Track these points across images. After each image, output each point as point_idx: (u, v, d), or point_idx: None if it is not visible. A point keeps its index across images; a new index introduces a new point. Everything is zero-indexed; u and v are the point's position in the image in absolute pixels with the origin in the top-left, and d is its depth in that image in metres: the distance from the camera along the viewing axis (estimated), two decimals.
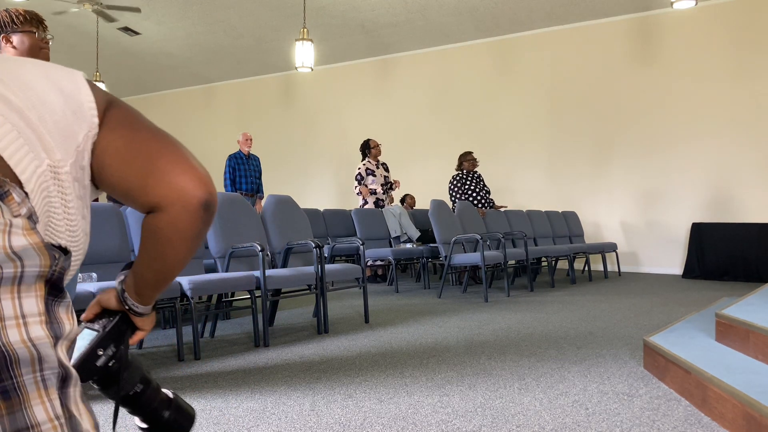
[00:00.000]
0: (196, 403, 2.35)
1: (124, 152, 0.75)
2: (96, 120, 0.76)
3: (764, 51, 7.78)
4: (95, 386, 0.82)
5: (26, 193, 0.62)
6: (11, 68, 0.73)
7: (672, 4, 5.89)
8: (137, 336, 0.87)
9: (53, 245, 0.60)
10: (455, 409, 2.24)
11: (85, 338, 0.83)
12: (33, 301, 0.57)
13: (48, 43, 2.33)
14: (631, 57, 8.63)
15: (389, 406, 2.28)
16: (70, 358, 0.64)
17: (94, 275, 3.07)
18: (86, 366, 0.80)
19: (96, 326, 0.84)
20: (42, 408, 0.54)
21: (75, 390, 0.60)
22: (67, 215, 0.71)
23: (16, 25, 2.26)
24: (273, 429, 2.05)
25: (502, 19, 8.91)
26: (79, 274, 3.02)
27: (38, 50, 2.29)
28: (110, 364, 0.81)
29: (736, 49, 7.94)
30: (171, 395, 0.87)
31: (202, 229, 0.77)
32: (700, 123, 8.13)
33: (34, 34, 2.27)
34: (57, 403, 0.56)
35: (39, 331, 0.56)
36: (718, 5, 8.06)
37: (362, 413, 2.20)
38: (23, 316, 0.56)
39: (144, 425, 0.84)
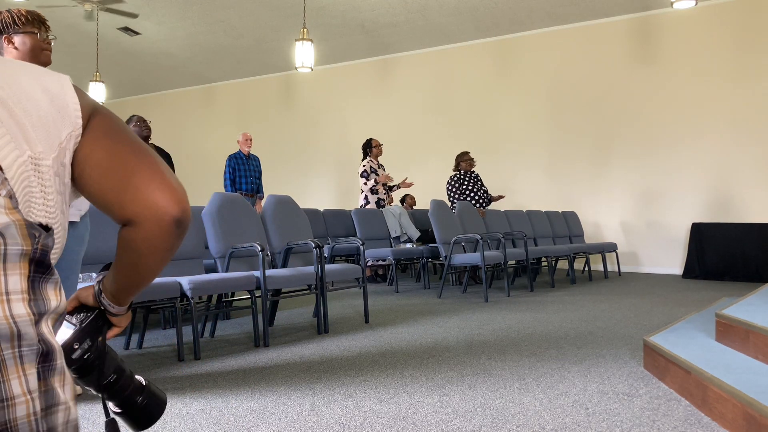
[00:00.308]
0: (196, 403, 2.35)
1: (105, 165, 0.78)
2: (80, 121, 0.79)
3: (764, 51, 7.78)
4: (73, 375, 0.87)
5: (5, 178, 0.64)
6: (5, 67, 0.76)
7: (672, 4, 5.90)
8: (112, 331, 0.92)
9: (33, 224, 0.62)
10: (455, 409, 2.24)
11: (63, 331, 0.88)
12: (17, 279, 0.59)
13: (50, 44, 2.33)
14: (631, 57, 8.63)
15: (389, 406, 2.28)
16: (56, 332, 0.66)
17: (94, 275, 3.07)
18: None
19: (73, 320, 0.89)
20: (18, 382, 0.57)
21: (58, 363, 0.62)
22: (47, 207, 0.73)
23: (17, 25, 2.26)
24: (273, 429, 2.05)
25: (502, 19, 8.91)
26: (80, 275, 3.02)
27: (40, 51, 2.30)
28: (85, 357, 0.86)
29: (736, 49, 7.94)
30: (144, 382, 0.93)
31: (174, 244, 0.80)
32: (701, 123, 8.13)
33: (35, 35, 2.27)
34: (33, 378, 0.58)
35: (21, 308, 0.58)
36: (718, 5, 8.06)
37: (362, 413, 2.20)
38: (7, 293, 0.58)
39: (118, 410, 0.90)
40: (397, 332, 3.83)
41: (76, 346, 0.86)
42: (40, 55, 2.30)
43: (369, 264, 6.68)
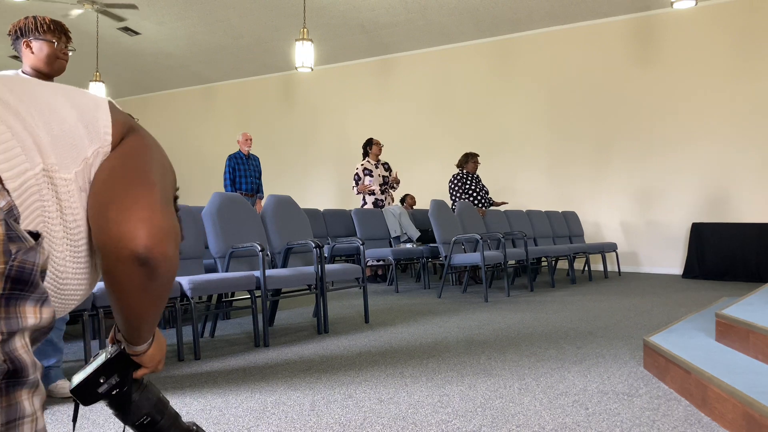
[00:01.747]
0: (196, 402, 2.35)
1: (98, 184, 0.74)
2: (109, 138, 0.77)
3: (764, 51, 7.78)
4: (109, 408, 0.85)
5: (6, 189, 0.63)
6: (28, 84, 0.75)
7: (672, 4, 5.89)
8: (140, 371, 0.88)
9: (18, 236, 0.59)
10: (455, 409, 2.24)
11: (96, 361, 0.85)
12: None
13: (67, 54, 2.39)
14: (631, 57, 8.63)
15: (389, 406, 2.28)
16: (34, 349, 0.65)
17: None
18: (87, 390, 0.82)
19: (110, 348, 0.86)
20: None
21: (30, 378, 0.61)
22: (64, 221, 0.71)
23: (38, 32, 2.32)
24: (273, 429, 2.05)
25: (502, 19, 8.91)
26: None
27: (54, 59, 2.35)
28: (113, 393, 0.82)
29: (736, 49, 7.94)
30: (192, 427, 0.89)
31: (144, 285, 0.73)
32: (700, 123, 8.13)
33: (53, 44, 2.33)
34: None
35: None
36: (718, 5, 8.06)
37: (362, 413, 2.20)
38: None
39: None
40: (397, 332, 3.83)
41: (102, 380, 0.83)
42: (54, 63, 2.35)
43: (369, 264, 6.68)
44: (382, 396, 2.42)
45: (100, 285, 2.79)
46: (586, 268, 8.03)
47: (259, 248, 3.49)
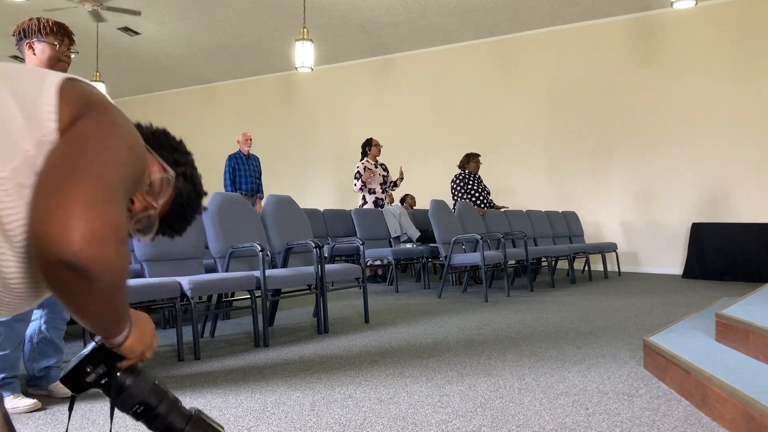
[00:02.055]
0: (196, 403, 2.35)
1: (40, 173, 0.68)
2: (52, 124, 0.71)
3: (764, 51, 7.78)
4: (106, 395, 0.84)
5: None
6: None
7: (672, 4, 5.89)
8: (123, 362, 0.86)
9: None
10: (455, 409, 2.24)
11: (84, 350, 0.85)
12: None
13: (69, 57, 2.40)
14: (631, 57, 8.63)
15: (389, 406, 2.28)
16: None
17: None
18: (75, 379, 0.81)
19: (97, 339, 0.85)
20: None
21: None
22: (0, 222, 0.67)
23: (41, 34, 2.34)
24: (273, 429, 2.05)
25: (502, 19, 8.91)
26: None
27: (56, 61, 2.37)
28: (102, 382, 0.81)
29: (736, 49, 7.94)
30: (193, 412, 0.87)
31: (82, 289, 0.66)
32: (700, 123, 8.13)
33: (55, 46, 2.35)
34: None
35: None
36: (718, 5, 8.06)
37: (362, 413, 2.20)
38: None
39: None
40: (397, 332, 3.83)
41: (89, 369, 0.81)
42: (55, 65, 2.37)
43: (369, 264, 6.68)
44: (382, 396, 2.42)
45: None
46: (586, 268, 8.03)
47: (259, 248, 3.49)
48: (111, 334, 0.80)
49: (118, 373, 0.84)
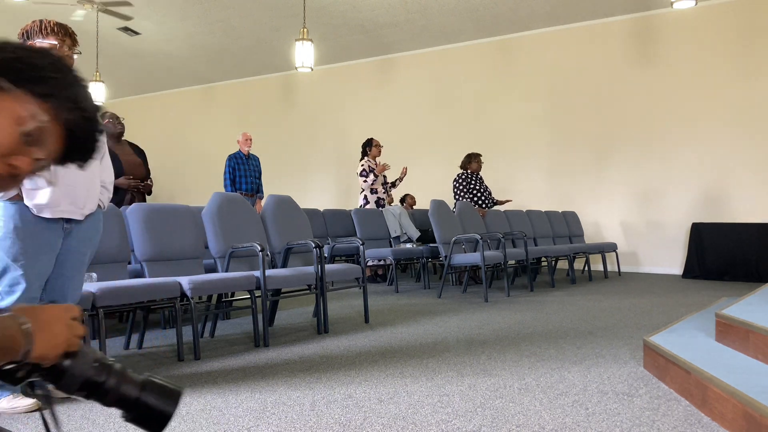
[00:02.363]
0: (196, 403, 2.35)
1: None
2: None
3: (764, 51, 7.77)
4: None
5: None
6: None
7: (672, 4, 5.89)
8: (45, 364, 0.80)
9: None
10: (455, 409, 2.24)
11: None
12: None
13: (71, 57, 2.41)
14: (632, 57, 8.63)
15: (389, 406, 2.28)
16: None
17: (95, 275, 3.07)
18: (7, 377, 0.79)
19: None
20: None
21: None
22: None
23: (41, 34, 2.36)
24: (273, 429, 2.05)
25: (502, 19, 8.91)
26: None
27: None
28: (18, 375, 0.78)
29: (736, 49, 7.94)
30: (144, 378, 0.85)
31: None
32: (700, 123, 8.13)
33: (55, 46, 2.36)
34: None
35: None
36: (718, 5, 8.06)
37: (362, 413, 2.20)
38: None
39: (125, 414, 0.83)
40: (397, 332, 3.83)
41: (14, 366, 0.77)
42: None
43: (369, 264, 6.68)
44: (382, 396, 2.42)
45: (100, 285, 2.79)
46: (586, 268, 8.03)
47: (259, 248, 3.49)
48: (6, 358, 0.74)
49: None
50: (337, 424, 2.08)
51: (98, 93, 9.01)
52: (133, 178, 4.66)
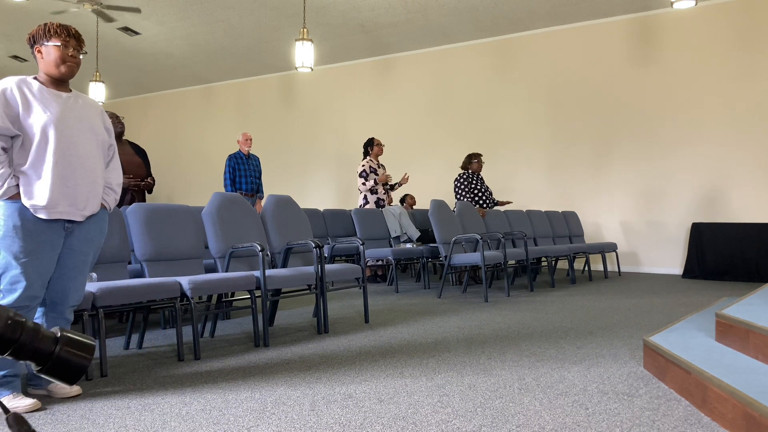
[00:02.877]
0: (196, 403, 2.35)
1: None
2: None
3: (764, 51, 7.78)
4: None
5: None
6: None
7: (672, 4, 5.89)
8: None
9: None
10: (455, 409, 2.24)
11: None
12: None
13: (76, 58, 2.44)
14: (631, 57, 8.63)
15: (389, 406, 2.28)
16: None
17: (94, 275, 3.07)
18: None
19: None
20: None
21: None
22: None
23: (46, 37, 2.39)
24: (273, 429, 2.05)
25: (502, 19, 8.91)
26: None
27: (62, 62, 2.41)
28: None
29: (736, 49, 7.94)
30: (57, 333, 0.88)
31: None
32: (700, 122, 8.13)
33: (59, 47, 2.39)
34: None
35: None
36: (718, 5, 8.06)
37: (362, 413, 2.20)
38: None
39: (37, 367, 0.86)
40: (397, 332, 3.83)
41: None
42: (61, 66, 2.40)
43: (369, 264, 6.68)
44: (382, 396, 2.42)
45: (100, 285, 2.79)
46: (586, 268, 8.03)
47: (259, 248, 3.49)
48: None
49: None
50: (337, 424, 2.08)
51: (98, 93, 9.01)
52: (133, 177, 4.67)
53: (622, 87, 8.67)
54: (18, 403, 2.27)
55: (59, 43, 2.39)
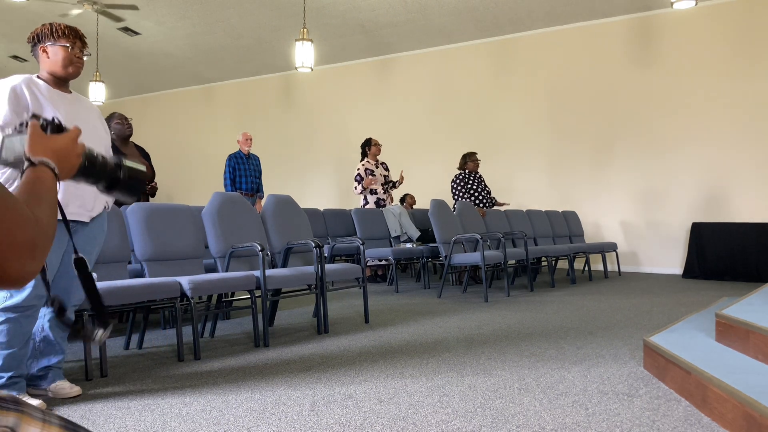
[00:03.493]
0: (196, 403, 2.35)
1: None
2: None
3: (764, 51, 7.78)
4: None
5: None
6: None
7: (672, 4, 5.89)
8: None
9: None
10: (455, 409, 2.24)
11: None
12: None
13: (81, 59, 2.46)
14: (631, 57, 8.63)
15: (389, 406, 2.28)
16: None
17: (95, 275, 3.07)
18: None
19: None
20: None
21: None
22: None
23: (53, 37, 2.41)
24: (273, 429, 2.05)
25: (502, 19, 8.91)
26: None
27: (69, 63, 2.42)
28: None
29: (736, 49, 7.94)
30: (117, 160, 1.10)
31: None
32: (700, 122, 8.13)
33: (67, 48, 2.41)
34: None
35: None
36: (718, 5, 8.06)
37: (362, 413, 2.20)
38: None
39: (107, 191, 1.10)
40: (397, 332, 3.83)
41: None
42: (68, 67, 2.42)
43: (369, 264, 6.68)
44: (382, 396, 2.42)
45: (100, 285, 2.79)
46: (586, 268, 8.02)
47: (259, 248, 3.49)
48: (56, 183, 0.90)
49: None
50: (337, 424, 2.08)
51: (98, 93, 9.01)
52: None
53: (622, 87, 8.67)
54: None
55: (67, 44, 2.40)
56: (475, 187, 6.90)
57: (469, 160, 6.89)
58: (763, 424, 1.78)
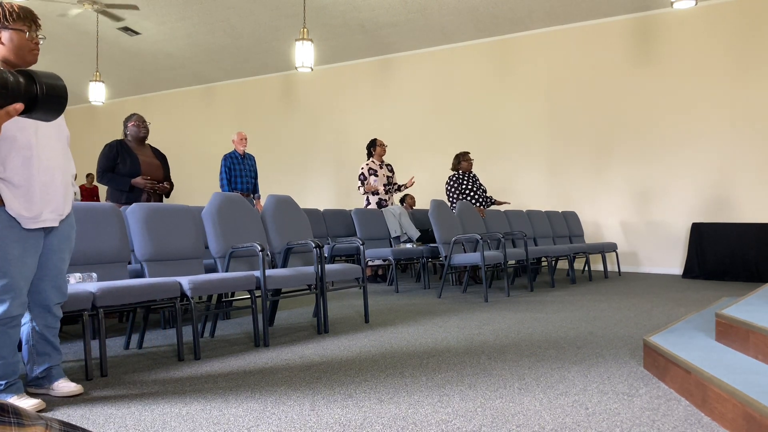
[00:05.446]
0: (196, 403, 2.35)
1: None
2: None
3: (764, 51, 7.78)
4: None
5: None
6: None
7: (672, 4, 5.89)
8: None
9: None
10: (455, 409, 2.24)
11: None
12: None
13: (38, 44, 2.27)
14: (631, 57, 8.63)
15: (389, 406, 2.28)
16: None
17: (95, 275, 3.07)
18: None
19: None
20: None
21: None
22: None
23: (7, 21, 2.19)
24: (273, 429, 2.05)
25: (502, 19, 8.91)
26: (79, 275, 3.02)
27: (27, 51, 2.23)
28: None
29: (736, 49, 7.94)
30: (29, 72, 1.06)
31: None
32: (700, 123, 8.13)
33: (24, 33, 2.21)
34: None
35: None
36: (718, 5, 8.06)
37: (362, 413, 2.20)
38: None
39: (26, 114, 1.06)
40: (397, 332, 3.83)
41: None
42: (26, 55, 2.24)
43: (369, 264, 6.68)
44: (382, 396, 2.42)
45: (100, 285, 2.79)
46: (586, 268, 8.03)
47: (259, 248, 3.49)
48: None
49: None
50: (337, 424, 2.08)
51: (98, 93, 9.01)
52: (150, 179, 4.68)
53: (622, 87, 8.67)
54: (23, 403, 2.27)
55: (23, 28, 2.20)
56: (470, 187, 6.89)
57: (462, 160, 6.89)
58: (763, 424, 1.78)
